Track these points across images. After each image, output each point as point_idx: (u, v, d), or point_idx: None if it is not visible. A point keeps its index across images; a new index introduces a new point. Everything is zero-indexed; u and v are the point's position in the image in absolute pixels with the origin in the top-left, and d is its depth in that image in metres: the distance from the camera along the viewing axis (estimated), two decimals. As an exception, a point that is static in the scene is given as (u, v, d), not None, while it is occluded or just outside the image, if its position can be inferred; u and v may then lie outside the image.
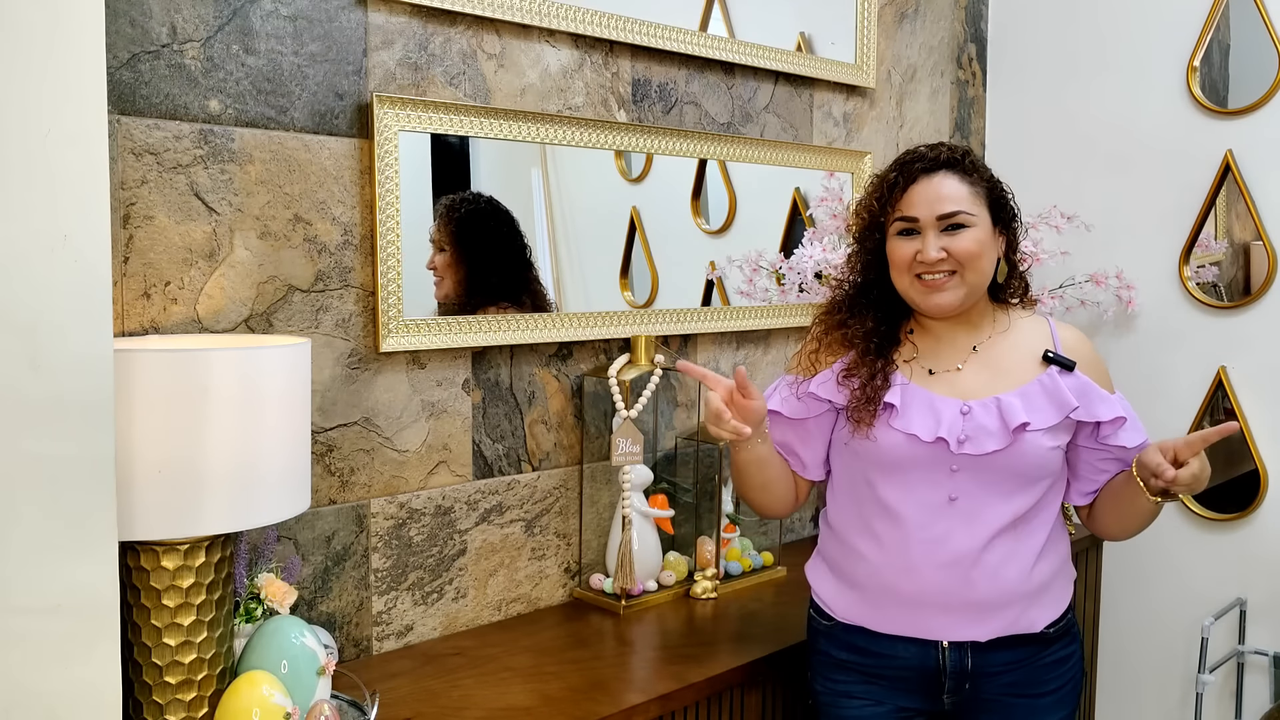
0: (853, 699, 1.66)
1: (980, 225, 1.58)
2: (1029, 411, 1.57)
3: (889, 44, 2.74)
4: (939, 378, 1.62)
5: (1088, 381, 1.61)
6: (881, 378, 1.60)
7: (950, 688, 1.62)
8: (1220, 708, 2.68)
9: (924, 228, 1.57)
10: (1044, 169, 2.91)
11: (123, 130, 1.53)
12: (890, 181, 1.62)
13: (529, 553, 2.06)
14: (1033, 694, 1.64)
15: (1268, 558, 2.61)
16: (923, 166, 1.60)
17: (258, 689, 1.36)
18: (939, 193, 1.58)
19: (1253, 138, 2.59)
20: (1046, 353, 1.63)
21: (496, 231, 1.98)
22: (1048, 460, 1.59)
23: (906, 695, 1.64)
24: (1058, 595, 1.65)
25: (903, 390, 1.60)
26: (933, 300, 1.59)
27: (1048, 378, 1.60)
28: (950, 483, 1.57)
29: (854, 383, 1.61)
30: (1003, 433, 1.56)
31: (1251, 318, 2.62)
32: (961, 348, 1.65)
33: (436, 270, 1.87)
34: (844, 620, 1.66)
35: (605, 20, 2.06)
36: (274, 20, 1.67)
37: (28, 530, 1.08)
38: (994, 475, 1.57)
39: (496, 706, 1.63)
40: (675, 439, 2.30)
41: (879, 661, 1.64)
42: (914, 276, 1.59)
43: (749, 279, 2.38)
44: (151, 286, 1.57)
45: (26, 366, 1.06)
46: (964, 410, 1.57)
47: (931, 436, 1.56)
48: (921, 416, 1.58)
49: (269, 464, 1.38)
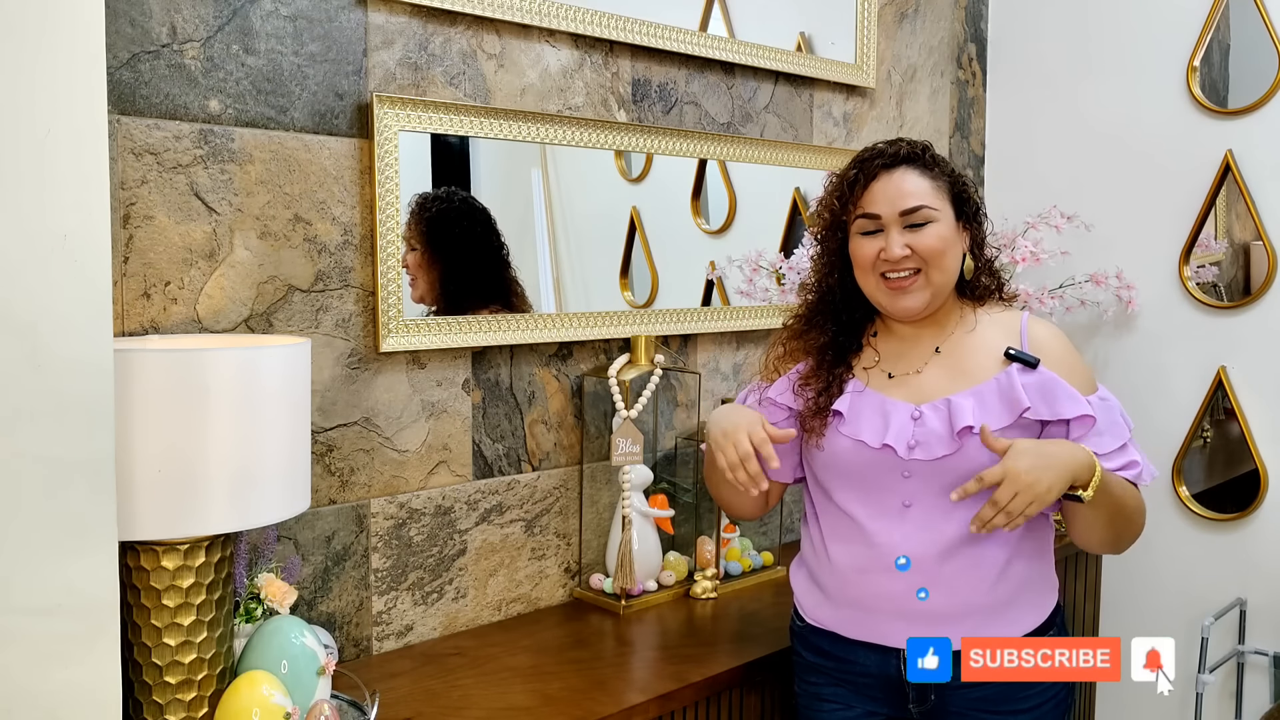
0: (825, 701, 1.66)
1: (944, 220, 1.55)
2: (979, 412, 1.51)
3: (889, 44, 2.74)
4: (899, 381, 1.59)
5: (1053, 378, 1.53)
6: (836, 386, 1.59)
7: (914, 697, 1.59)
8: (1220, 708, 2.68)
9: (887, 224, 1.55)
10: (1044, 169, 2.91)
11: (123, 130, 1.53)
12: (850, 179, 1.59)
13: (529, 553, 2.06)
14: (1006, 711, 1.58)
15: (1268, 558, 2.61)
16: (883, 163, 1.57)
17: (258, 689, 1.36)
18: (900, 188, 1.55)
19: (1253, 138, 2.59)
20: (1008, 350, 1.56)
21: (470, 231, 1.94)
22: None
23: (872, 701, 1.63)
24: (1027, 611, 1.59)
25: (853, 397, 1.58)
26: (900, 304, 1.56)
27: (1005, 376, 1.54)
28: (903, 489, 1.54)
29: (808, 392, 1.60)
30: (949, 436, 1.51)
31: (1251, 318, 2.62)
32: (925, 349, 1.61)
33: (409, 269, 1.83)
34: (813, 623, 1.66)
35: (605, 20, 2.06)
36: (274, 20, 1.67)
37: (28, 530, 1.08)
38: (947, 481, 1.51)
39: (496, 706, 1.63)
40: (675, 439, 2.29)
41: (843, 666, 1.63)
42: (879, 277, 1.56)
43: (749, 279, 2.38)
44: (151, 286, 1.57)
45: (26, 366, 1.06)
46: (915, 415, 1.54)
47: (878, 442, 1.54)
48: (870, 422, 1.55)
49: (269, 464, 1.38)
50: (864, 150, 1.62)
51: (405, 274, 1.83)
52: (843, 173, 1.62)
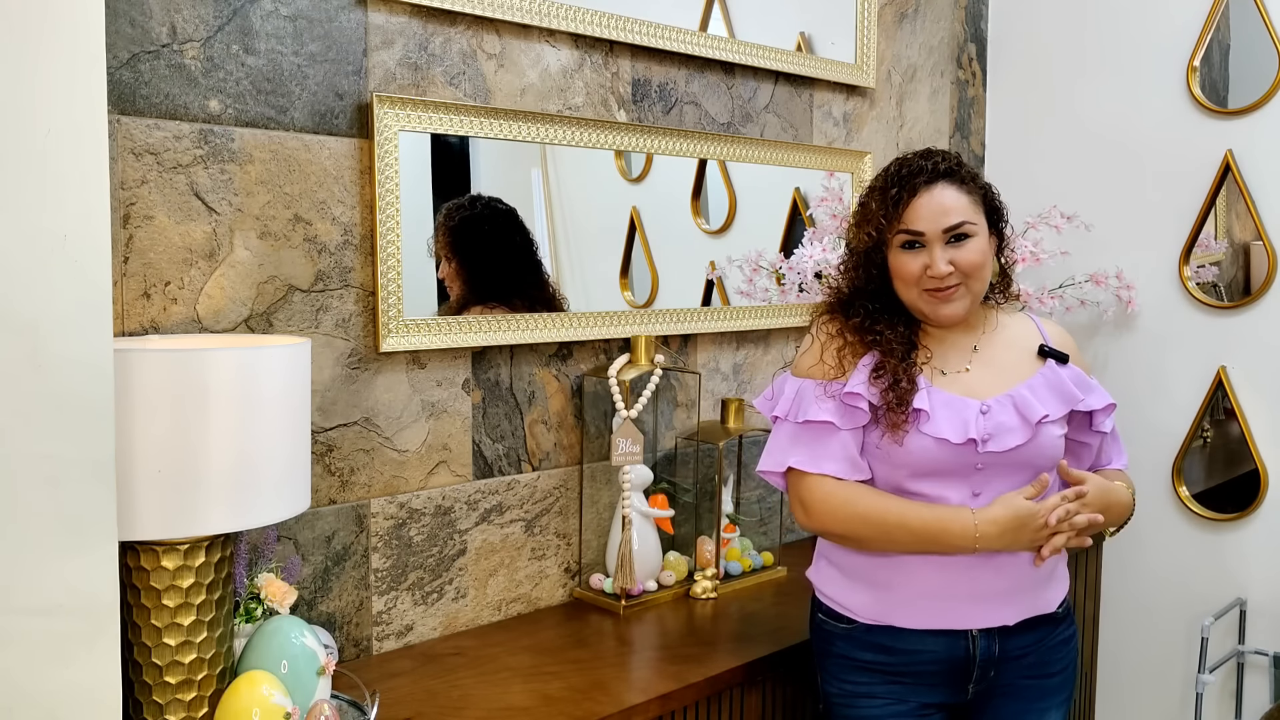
0: (874, 699, 1.66)
1: (981, 234, 1.62)
2: (1042, 404, 1.62)
3: (889, 44, 2.74)
4: (950, 379, 1.64)
5: (1079, 372, 1.68)
6: (907, 380, 1.60)
7: (977, 676, 1.65)
8: (1220, 708, 2.68)
9: (930, 241, 1.59)
10: (1044, 169, 2.91)
11: (123, 130, 1.53)
12: (893, 197, 1.62)
13: (529, 553, 2.06)
14: (1042, 675, 1.69)
15: (1268, 558, 2.61)
16: (924, 180, 1.60)
17: (258, 689, 1.36)
18: (943, 205, 1.59)
19: (1253, 138, 2.59)
20: (1042, 347, 1.69)
21: (496, 233, 1.98)
22: (1059, 449, 1.64)
23: (930, 690, 1.65)
24: (1062, 573, 1.72)
25: (928, 394, 1.60)
26: (943, 311, 1.62)
27: (1049, 371, 1.66)
28: (974, 479, 1.61)
29: (882, 383, 1.60)
30: (1024, 427, 1.60)
31: (1251, 318, 2.62)
32: (963, 348, 1.68)
33: (446, 280, 1.89)
34: (866, 621, 1.65)
35: (605, 20, 2.06)
36: (274, 20, 1.67)
37: (28, 530, 1.08)
38: (1013, 468, 1.61)
39: (496, 706, 1.63)
40: (675, 439, 2.29)
41: (905, 659, 1.64)
42: (921, 290, 1.61)
43: (749, 279, 2.38)
44: (151, 286, 1.57)
45: (27, 366, 1.06)
46: (983, 409, 1.60)
47: (962, 438, 1.58)
48: (948, 420, 1.59)
49: (269, 464, 1.38)
50: (899, 164, 1.64)
51: (445, 284, 1.89)
52: (882, 188, 1.64)
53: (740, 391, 2.44)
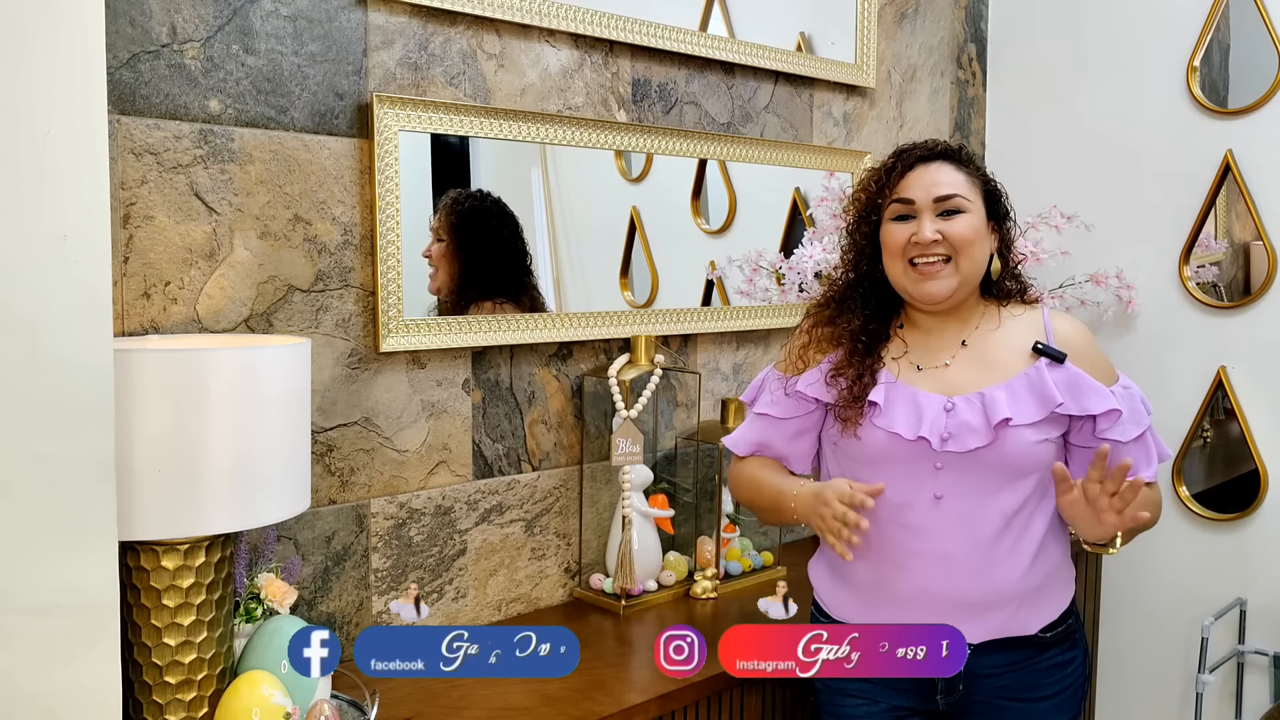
0: (849, 696, 1.67)
1: (975, 213, 1.59)
2: (1013, 405, 1.54)
3: (889, 44, 2.74)
4: (927, 373, 1.61)
5: (1078, 374, 1.57)
6: (869, 376, 1.60)
7: (943, 688, 1.62)
8: (1220, 708, 2.68)
9: (920, 210, 1.58)
10: (1044, 169, 2.91)
11: (123, 130, 1.53)
12: (888, 167, 1.63)
13: (529, 553, 2.06)
14: (1028, 698, 1.62)
15: (1268, 558, 2.61)
16: (920, 154, 1.62)
17: (258, 689, 1.37)
18: (935, 178, 1.59)
19: (1253, 138, 2.59)
20: (1036, 344, 1.59)
21: (497, 231, 1.98)
22: (1033, 455, 1.55)
23: (899, 694, 1.64)
24: (1053, 598, 1.63)
25: (887, 388, 1.59)
26: (925, 288, 1.58)
27: (1035, 370, 1.57)
28: (935, 481, 1.56)
29: (841, 382, 1.60)
30: (985, 428, 1.53)
31: (1251, 318, 2.62)
32: (950, 342, 1.63)
33: (431, 259, 1.86)
34: (839, 618, 1.67)
35: (605, 20, 2.06)
36: (274, 20, 1.67)
37: (28, 530, 1.08)
38: (979, 472, 1.54)
39: (496, 706, 1.63)
40: (675, 439, 2.29)
41: None
42: (907, 263, 1.58)
43: (749, 279, 2.38)
44: (151, 286, 1.57)
45: (26, 366, 1.06)
46: (947, 407, 1.56)
47: (913, 434, 1.55)
48: (904, 414, 1.56)
49: (269, 464, 1.38)
50: (901, 145, 1.67)
51: (427, 264, 1.86)
52: (880, 163, 1.66)
53: (740, 391, 2.44)
